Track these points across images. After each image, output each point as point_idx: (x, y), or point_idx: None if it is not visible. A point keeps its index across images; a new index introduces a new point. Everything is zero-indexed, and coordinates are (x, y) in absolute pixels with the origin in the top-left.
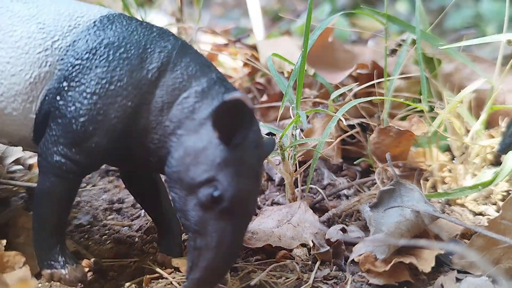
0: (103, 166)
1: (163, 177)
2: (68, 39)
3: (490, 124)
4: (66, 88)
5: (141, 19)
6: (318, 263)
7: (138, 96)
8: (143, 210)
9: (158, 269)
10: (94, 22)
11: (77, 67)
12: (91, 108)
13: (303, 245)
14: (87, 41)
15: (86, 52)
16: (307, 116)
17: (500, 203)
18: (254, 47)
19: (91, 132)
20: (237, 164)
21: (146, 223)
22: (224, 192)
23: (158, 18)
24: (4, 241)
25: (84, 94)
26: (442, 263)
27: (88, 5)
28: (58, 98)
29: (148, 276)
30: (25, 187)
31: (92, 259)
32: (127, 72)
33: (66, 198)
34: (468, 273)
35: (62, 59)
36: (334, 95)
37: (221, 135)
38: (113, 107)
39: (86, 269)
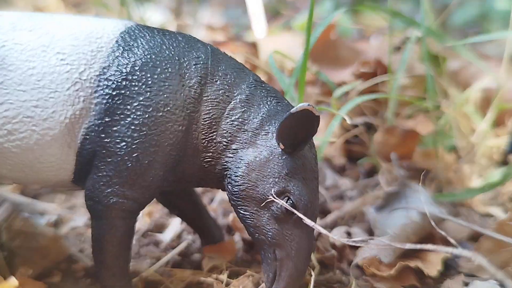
0: None
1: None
2: (95, 67)
3: (496, 122)
4: (109, 124)
5: (160, 27)
6: (318, 267)
7: (186, 117)
8: (140, 213)
9: (155, 272)
10: (117, 41)
11: (116, 98)
12: (142, 141)
13: None
14: (118, 66)
15: (122, 79)
16: None
17: (508, 204)
18: (253, 44)
19: (147, 166)
20: (302, 170)
21: (144, 226)
22: (297, 202)
23: (156, 14)
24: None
25: (133, 127)
26: (449, 267)
27: (98, 19)
28: (102, 135)
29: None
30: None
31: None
32: (171, 94)
33: (129, 237)
34: (476, 276)
35: (95, 92)
36: (337, 93)
37: (286, 146)
38: (165, 135)
39: (81, 273)
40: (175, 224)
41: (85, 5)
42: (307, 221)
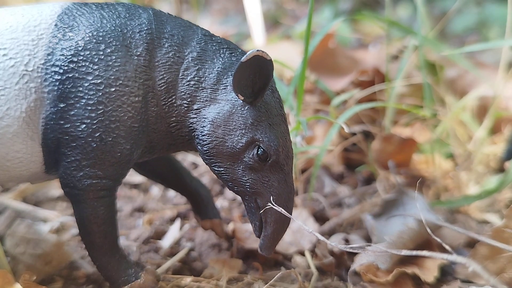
0: None
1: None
2: (39, 55)
3: (493, 130)
4: (66, 109)
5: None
6: (316, 273)
7: (140, 87)
8: (140, 220)
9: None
10: (56, 25)
11: (66, 82)
12: (102, 119)
13: (303, 254)
14: (61, 50)
15: (68, 62)
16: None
17: (504, 211)
18: None
19: (112, 142)
20: (267, 117)
21: (144, 233)
22: (267, 148)
23: None
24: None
25: (89, 108)
26: (446, 273)
27: (34, 7)
28: (61, 122)
29: None
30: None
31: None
32: (120, 67)
33: (111, 214)
34: (472, 282)
35: (45, 80)
36: (335, 101)
37: (246, 96)
38: (122, 109)
39: (83, 280)
40: (174, 231)
41: None
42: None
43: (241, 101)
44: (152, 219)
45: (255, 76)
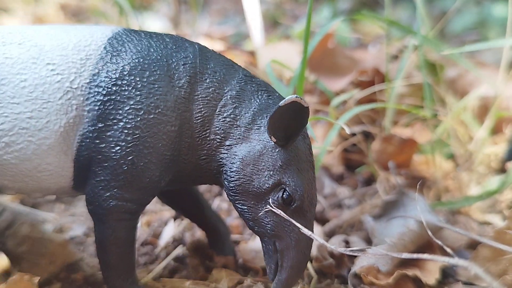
0: None
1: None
2: (85, 74)
3: (494, 130)
4: (103, 129)
5: (145, 30)
6: (315, 276)
7: (178, 117)
8: (138, 223)
9: (153, 280)
10: (105, 47)
11: (107, 104)
12: (136, 144)
13: None
14: (107, 72)
15: (112, 85)
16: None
17: (506, 212)
18: (252, 53)
19: (142, 167)
20: (296, 161)
21: (142, 235)
22: (293, 193)
23: (154, 23)
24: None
25: (126, 131)
26: (447, 275)
27: (86, 27)
28: (97, 141)
29: None
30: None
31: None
32: (161, 96)
33: (131, 238)
34: (474, 284)
35: (87, 99)
36: (335, 102)
37: (279, 139)
38: (158, 137)
39: (81, 282)
40: (169, 230)
41: (84, 14)
42: (304, 229)
43: (273, 143)
44: (150, 221)
45: (290, 121)
